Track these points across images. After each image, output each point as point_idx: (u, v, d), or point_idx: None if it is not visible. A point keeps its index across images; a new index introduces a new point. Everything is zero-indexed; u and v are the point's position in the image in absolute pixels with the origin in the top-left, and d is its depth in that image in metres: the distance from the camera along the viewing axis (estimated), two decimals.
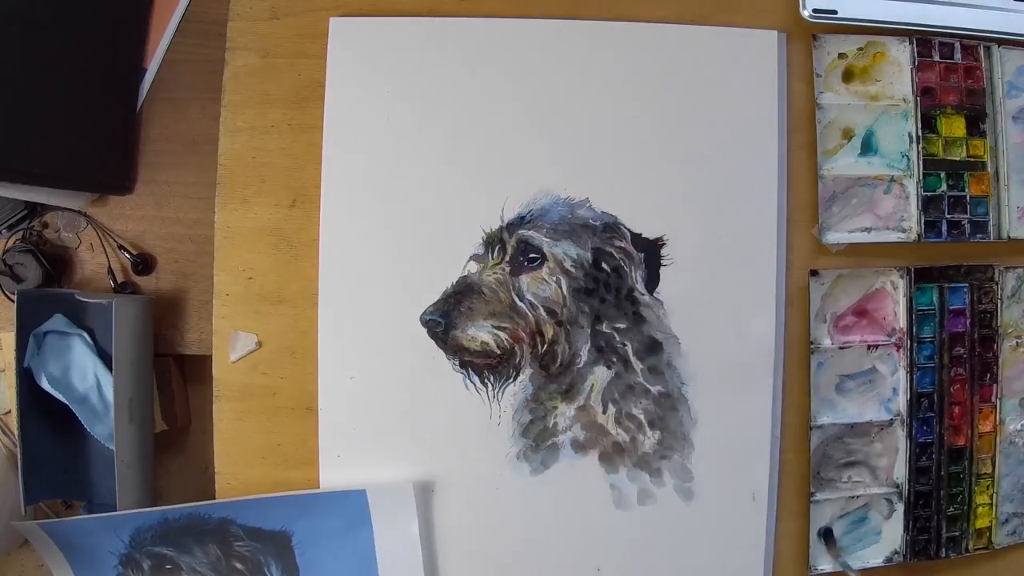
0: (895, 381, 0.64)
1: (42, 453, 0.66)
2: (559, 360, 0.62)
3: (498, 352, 0.61)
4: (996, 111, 0.65)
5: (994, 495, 0.65)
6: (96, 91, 0.66)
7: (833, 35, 0.64)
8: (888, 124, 0.64)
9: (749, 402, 0.63)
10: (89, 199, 0.70)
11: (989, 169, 0.64)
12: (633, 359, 0.62)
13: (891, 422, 0.64)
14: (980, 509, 0.64)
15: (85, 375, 0.67)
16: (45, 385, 0.66)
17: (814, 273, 0.62)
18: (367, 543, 0.57)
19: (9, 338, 0.66)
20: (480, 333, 0.61)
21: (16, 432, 0.66)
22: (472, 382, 0.62)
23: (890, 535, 0.64)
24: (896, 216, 0.64)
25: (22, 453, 0.65)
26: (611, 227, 0.62)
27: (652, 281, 0.62)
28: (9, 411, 0.72)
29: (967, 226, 0.64)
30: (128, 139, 0.69)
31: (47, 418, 0.67)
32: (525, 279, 0.62)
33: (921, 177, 0.63)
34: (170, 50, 0.70)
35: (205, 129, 0.67)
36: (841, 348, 0.63)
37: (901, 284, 0.64)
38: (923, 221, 0.63)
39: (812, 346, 0.63)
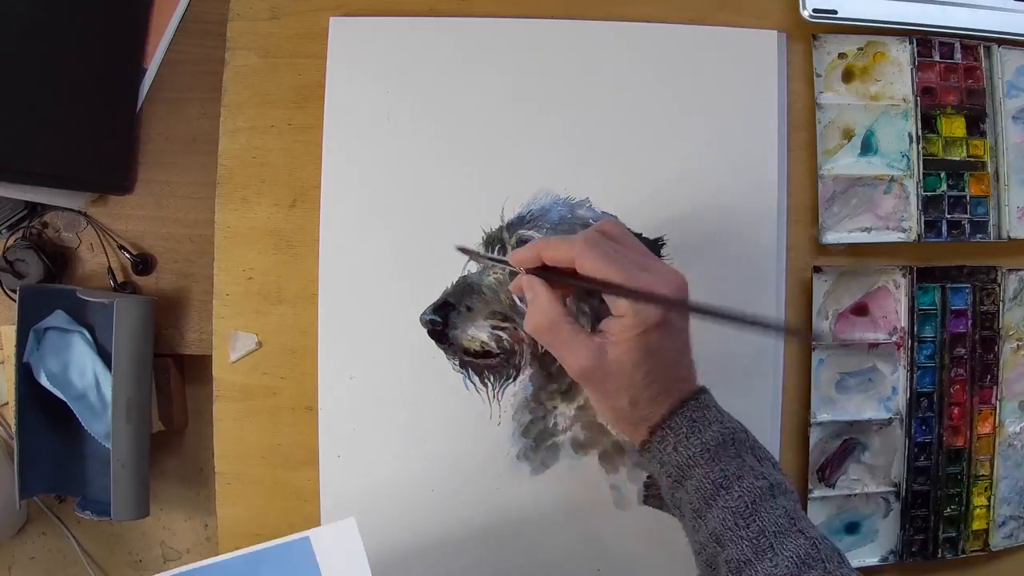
0: (895, 380, 0.64)
1: (38, 447, 0.67)
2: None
3: (498, 352, 0.61)
4: (996, 111, 0.65)
5: (992, 497, 0.65)
6: (96, 91, 0.66)
7: (833, 35, 0.64)
8: (888, 124, 0.64)
9: (749, 401, 0.63)
10: (89, 199, 0.70)
11: (989, 169, 0.64)
12: None
13: (890, 421, 0.64)
14: (977, 511, 0.64)
15: (84, 373, 0.67)
16: (44, 382, 0.66)
17: (817, 270, 0.63)
18: None
19: (9, 331, 0.66)
20: (480, 333, 0.61)
21: (13, 426, 0.66)
22: (472, 382, 0.62)
23: (886, 534, 0.64)
24: (896, 216, 0.64)
25: (19, 447, 0.65)
26: None
27: None
28: (7, 403, 0.72)
29: (967, 226, 0.64)
30: (128, 139, 0.69)
31: (45, 413, 0.67)
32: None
33: (921, 177, 0.64)
34: (170, 50, 0.70)
35: (205, 129, 0.67)
36: (842, 345, 0.63)
37: (903, 283, 0.64)
38: (923, 221, 0.63)
39: (813, 343, 0.63)
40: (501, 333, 0.61)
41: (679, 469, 0.45)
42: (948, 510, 0.64)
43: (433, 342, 0.61)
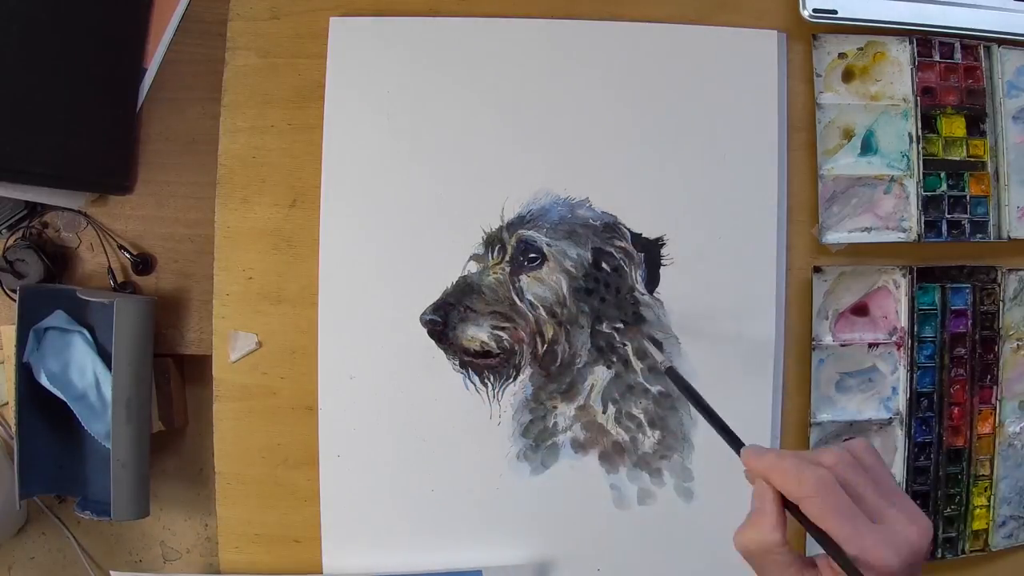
0: (895, 380, 0.64)
1: (38, 447, 0.67)
2: (559, 360, 0.62)
3: (498, 352, 0.61)
4: (996, 111, 0.65)
5: (992, 497, 0.65)
6: (96, 91, 0.66)
7: (833, 35, 0.64)
8: (888, 124, 0.64)
9: (749, 401, 0.63)
10: (89, 199, 0.70)
11: (989, 169, 0.64)
12: (633, 359, 0.62)
13: (890, 421, 0.64)
14: (977, 511, 0.64)
15: (84, 373, 0.67)
16: (44, 382, 0.66)
17: (817, 270, 0.63)
18: None
19: (9, 331, 0.66)
20: (480, 333, 0.61)
21: (13, 426, 0.66)
22: (472, 382, 0.62)
23: None
24: (896, 216, 0.64)
25: (19, 447, 0.65)
26: (611, 227, 0.62)
27: (652, 281, 0.62)
28: (7, 403, 0.72)
29: (967, 226, 0.64)
30: (128, 139, 0.69)
31: (45, 413, 0.67)
32: (525, 279, 0.62)
33: (921, 177, 0.64)
34: (170, 50, 0.70)
35: (205, 129, 0.67)
36: (842, 345, 0.63)
37: (903, 283, 0.64)
38: (923, 221, 0.63)
39: (813, 343, 0.63)
40: (501, 333, 0.61)
41: None
42: (948, 510, 0.64)
43: (433, 342, 0.61)
